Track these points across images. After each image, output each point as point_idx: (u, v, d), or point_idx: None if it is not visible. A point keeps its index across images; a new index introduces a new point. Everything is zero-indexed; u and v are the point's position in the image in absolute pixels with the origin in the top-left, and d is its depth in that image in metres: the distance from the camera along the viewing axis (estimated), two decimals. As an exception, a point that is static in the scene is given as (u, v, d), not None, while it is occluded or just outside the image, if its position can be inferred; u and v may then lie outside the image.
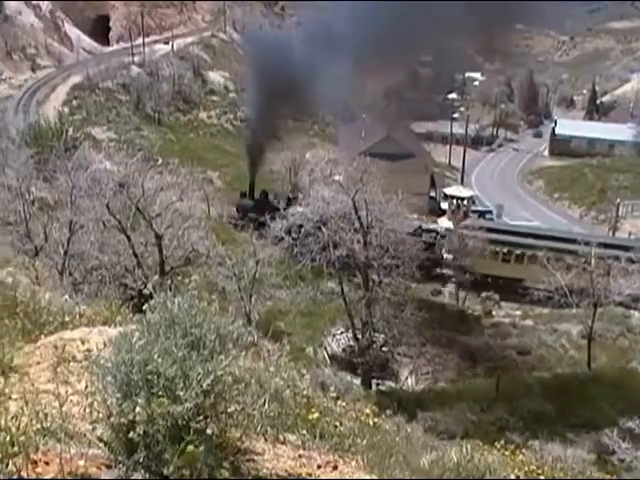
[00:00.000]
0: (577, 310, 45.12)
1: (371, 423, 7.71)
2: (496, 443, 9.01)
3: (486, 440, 9.50)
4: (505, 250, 59.34)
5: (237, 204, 69.13)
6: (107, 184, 33.87)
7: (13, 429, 4.79)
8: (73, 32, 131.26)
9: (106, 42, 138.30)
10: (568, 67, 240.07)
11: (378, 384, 41.01)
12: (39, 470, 4.64)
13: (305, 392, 7.26)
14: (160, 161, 66.96)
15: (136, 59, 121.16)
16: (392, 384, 41.70)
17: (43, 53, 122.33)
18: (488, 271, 58.00)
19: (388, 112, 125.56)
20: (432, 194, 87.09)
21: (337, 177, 50.04)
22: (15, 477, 4.50)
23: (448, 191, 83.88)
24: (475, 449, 8.20)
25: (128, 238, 33.46)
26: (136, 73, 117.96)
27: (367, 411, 8.25)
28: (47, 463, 4.71)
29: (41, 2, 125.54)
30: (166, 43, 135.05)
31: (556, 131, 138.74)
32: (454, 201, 78.78)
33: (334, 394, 9.67)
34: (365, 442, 6.59)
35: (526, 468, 8.79)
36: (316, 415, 6.58)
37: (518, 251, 59.00)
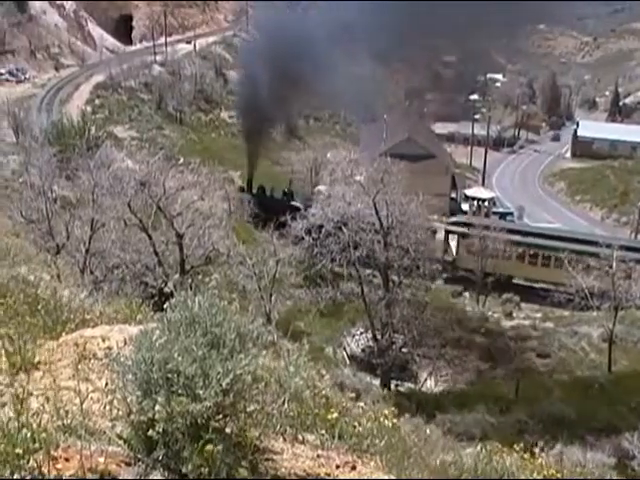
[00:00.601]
0: (598, 313, 44.87)
1: (390, 424, 7.69)
2: (515, 446, 8.96)
3: (505, 442, 9.45)
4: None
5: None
6: (129, 183, 33.99)
7: (34, 425, 4.82)
8: (96, 31, 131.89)
9: (129, 41, 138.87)
10: (591, 68, 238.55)
11: (397, 385, 40.95)
12: (59, 466, 4.67)
13: (324, 392, 7.26)
14: (181, 160, 67.09)
15: (158, 58, 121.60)
16: (411, 385, 41.62)
17: (67, 52, 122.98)
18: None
19: (409, 113, 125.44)
20: (453, 195, 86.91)
21: (358, 177, 49.96)
22: (36, 473, 4.54)
23: (469, 192, 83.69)
24: (494, 451, 8.17)
25: (149, 237, 33.58)
26: (158, 72, 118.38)
27: (386, 412, 8.23)
28: (67, 460, 4.74)
29: (65, 2, 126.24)
30: (188, 42, 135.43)
31: (578, 133, 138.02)
32: (475, 202, 78.58)
33: (353, 394, 9.67)
34: (383, 443, 6.58)
35: (545, 472, 8.74)
36: (335, 415, 6.58)
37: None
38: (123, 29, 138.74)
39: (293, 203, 67.97)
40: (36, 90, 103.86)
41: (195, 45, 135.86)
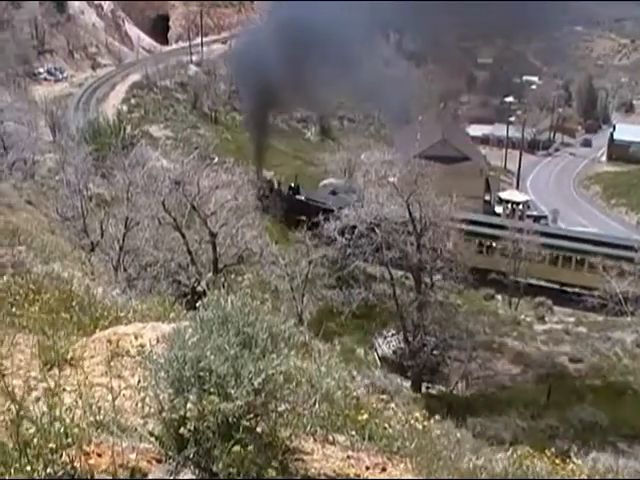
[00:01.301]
0: (632, 318, 44.44)
1: (420, 426, 7.67)
2: (546, 451, 8.87)
3: (536, 447, 9.36)
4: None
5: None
6: (163, 182, 34.20)
7: (67, 421, 4.86)
8: (133, 31, 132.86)
9: (165, 41, 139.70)
10: (628, 71, 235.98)
11: (428, 387, 40.81)
12: (91, 462, 4.70)
13: (355, 393, 7.26)
14: (216, 159, 67.42)
15: (194, 58, 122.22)
16: (442, 388, 41.45)
17: (104, 52, 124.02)
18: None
19: (444, 114, 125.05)
20: (487, 198, 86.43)
21: (392, 179, 49.87)
22: (68, 468, 4.57)
23: (503, 195, 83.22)
24: (524, 456, 8.11)
25: (183, 235, 33.73)
26: (194, 72, 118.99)
27: (416, 414, 8.21)
28: (99, 455, 4.78)
29: (103, 2, 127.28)
30: (224, 43, 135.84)
31: (614, 136, 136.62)
32: (509, 205, 78.10)
33: (384, 396, 9.66)
34: (414, 445, 6.56)
35: (576, 477, 8.66)
36: (365, 416, 6.57)
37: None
38: (160, 29, 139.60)
39: (302, 198, 68.41)
40: (73, 89, 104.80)
41: (231, 45, 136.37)
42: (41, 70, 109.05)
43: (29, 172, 39.69)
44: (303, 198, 69.43)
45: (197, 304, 5.39)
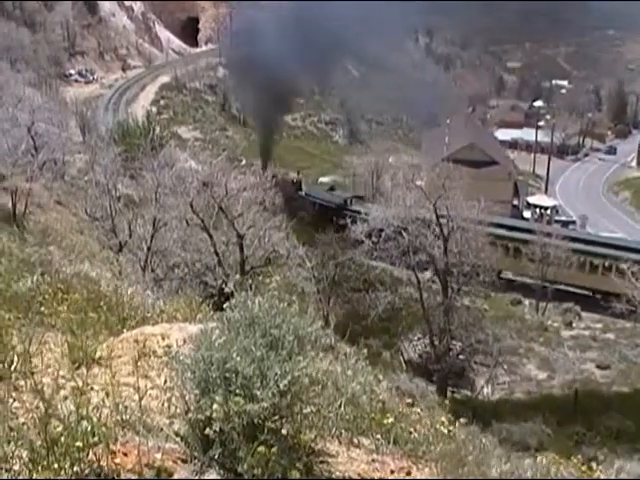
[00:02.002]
0: (661, 325, 44.09)
1: (445, 431, 7.65)
2: (572, 458, 8.83)
3: (562, 454, 9.32)
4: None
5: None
6: (191, 183, 34.30)
7: (94, 420, 4.90)
8: (163, 33, 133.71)
9: (195, 43, 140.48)
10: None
11: (453, 392, 40.70)
12: (117, 461, 4.73)
13: (381, 397, 7.25)
14: (244, 161, 67.69)
15: (223, 60, 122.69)
16: (468, 393, 41.34)
17: (134, 53, 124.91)
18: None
19: (472, 118, 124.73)
20: (515, 202, 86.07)
21: (419, 182, 49.80)
22: (95, 466, 4.61)
23: (531, 200, 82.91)
24: (550, 463, 8.07)
25: (210, 237, 33.83)
26: (223, 74, 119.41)
27: (442, 418, 8.18)
28: (125, 454, 4.81)
29: (134, 4, 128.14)
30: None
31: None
32: (537, 210, 77.75)
33: (409, 400, 9.64)
34: (439, 450, 6.54)
35: (603, 485, 8.61)
36: (391, 420, 6.56)
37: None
38: (189, 31, 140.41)
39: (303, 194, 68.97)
40: (103, 90, 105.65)
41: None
42: (72, 72, 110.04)
43: (59, 172, 40.00)
44: (303, 193, 70.25)
45: (224, 305, 5.42)
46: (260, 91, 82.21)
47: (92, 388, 5.81)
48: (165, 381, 5.69)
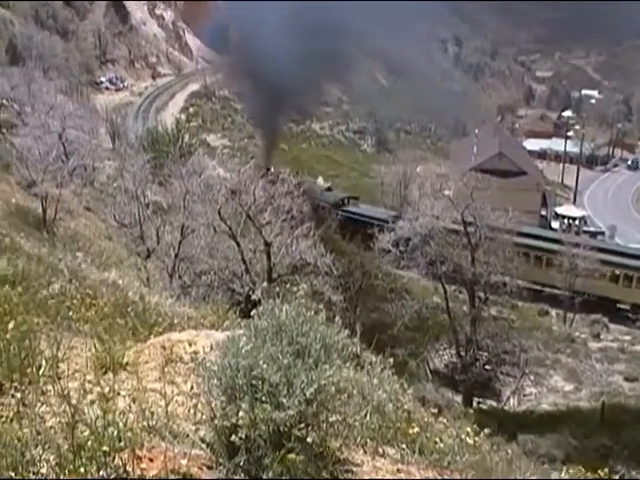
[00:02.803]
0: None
1: (471, 441, 7.61)
2: (599, 471, 8.74)
3: (588, 467, 9.22)
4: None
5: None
6: (219, 190, 34.42)
7: (121, 425, 4.92)
8: (193, 42, 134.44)
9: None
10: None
11: (479, 402, 40.47)
12: (143, 466, 4.75)
13: (406, 406, 7.23)
14: (272, 169, 67.83)
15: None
16: (493, 403, 41.09)
17: (164, 61, 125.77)
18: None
19: (501, 128, 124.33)
20: (543, 212, 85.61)
21: (447, 192, 49.66)
22: (121, 471, 4.63)
23: (559, 210, 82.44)
24: (577, 475, 8.01)
25: (237, 244, 33.91)
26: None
27: (467, 429, 8.15)
28: (151, 460, 4.83)
29: (165, 12, 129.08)
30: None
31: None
32: (565, 220, 77.30)
33: (435, 410, 9.60)
34: (464, 460, 6.52)
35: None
36: (416, 430, 6.54)
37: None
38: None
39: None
40: (133, 98, 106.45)
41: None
42: (103, 79, 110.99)
43: (89, 179, 40.32)
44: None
45: (251, 313, 5.43)
46: (257, 93, 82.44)
47: (119, 393, 5.84)
48: (191, 387, 5.72)
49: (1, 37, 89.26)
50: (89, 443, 4.70)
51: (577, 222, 77.20)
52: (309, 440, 4.84)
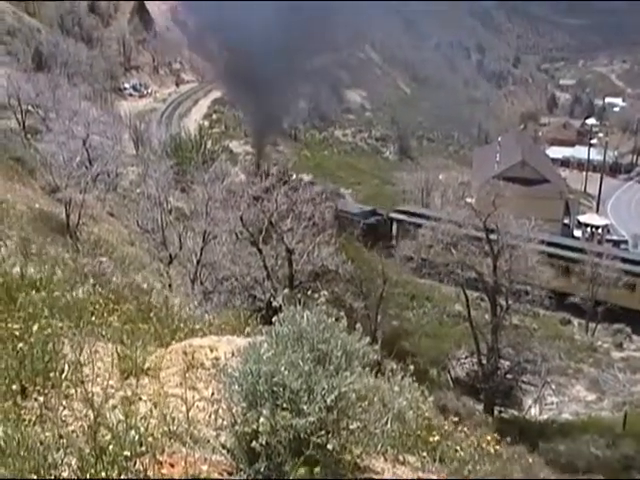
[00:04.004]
0: None
1: (492, 450, 7.59)
2: (622, 481, 8.69)
3: (610, 477, 9.17)
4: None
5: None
6: (242, 197, 34.53)
7: (142, 429, 4.95)
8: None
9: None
10: None
11: (500, 411, 40.27)
12: (164, 471, 4.78)
13: (427, 414, 7.22)
14: (294, 176, 67.94)
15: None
16: (515, 412, 40.87)
17: (187, 68, 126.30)
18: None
19: (524, 136, 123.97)
20: (566, 221, 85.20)
21: (469, 199, 49.56)
22: (142, 476, 4.66)
23: (582, 218, 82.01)
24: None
25: (259, 251, 34.01)
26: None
27: (488, 438, 8.13)
28: (172, 465, 4.85)
29: (188, 19, 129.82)
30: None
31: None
32: (588, 229, 76.90)
33: (455, 418, 9.58)
34: (485, 469, 6.50)
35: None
36: (437, 438, 6.54)
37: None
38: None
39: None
40: (157, 104, 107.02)
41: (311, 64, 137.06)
42: (127, 86, 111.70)
43: (112, 184, 40.48)
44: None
45: (272, 319, 5.45)
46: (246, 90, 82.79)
47: (140, 398, 5.87)
48: (212, 393, 5.74)
49: (28, 44, 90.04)
50: (111, 447, 4.73)
51: (600, 231, 76.74)
52: (329, 447, 4.85)
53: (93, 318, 8.54)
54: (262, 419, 4.74)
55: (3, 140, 35.83)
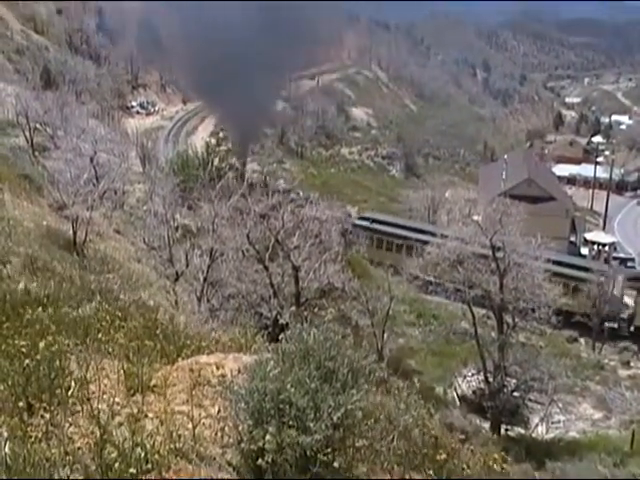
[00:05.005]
0: None
1: (498, 468, 7.56)
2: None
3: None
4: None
5: None
6: (248, 214, 34.56)
7: (148, 447, 4.95)
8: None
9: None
10: None
11: (507, 429, 40.09)
12: (170, 489, 4.78)
13: (433, 432, 7.20)
14: (301, 194, 68.02)
15: (282, 94, 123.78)
16: (521, 430, 40.68)
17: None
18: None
19: (530, 153, 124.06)
20: (572, 239, 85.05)
21: (476, 217, 49.53)
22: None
23: (589, 236, 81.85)
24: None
25: (266, 268, 34.00)
26: (281, 107, 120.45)
27: (495, 456, 8.09)
28: (178, 483, 4.85)
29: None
30: (312, 79, 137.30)
31: None
32: (594, 247, 76.75)
33: (462, 436, 9.54)
34: (492, 488, 6.48)
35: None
36: (443, 456, 6.52)
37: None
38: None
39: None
40: (164, 122, 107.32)
41: (318, 81, 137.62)
42: (134, 103, 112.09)
43: (119, 202, 40.54)
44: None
45: (279, 337, 5.45)
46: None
47: (147, 415, 5.87)
48: (219, 410, 5.74)
49: (36, 62, 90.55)
50: (117, 464, 4.73)
51: (607, 248, 76.57)
52: (335, 465, 4.85)
53: (99, 335, 8.55)
54: (268, 437, 4.75)
55: (11, 157, 35.93)
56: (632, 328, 57.10)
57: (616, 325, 56.74)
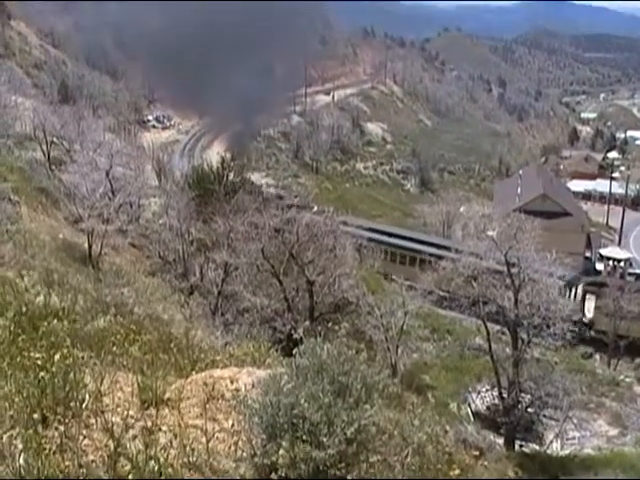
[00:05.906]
0: None
1: (513, 485, 7.54)
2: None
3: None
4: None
5: None
6: (263, 229, 34.61)
7: (162, 460, 4.96)
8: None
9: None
10: None
11: (521, 445, 39.84)
12: (183, 503, 4.78)
13: (447, 448, 7.18)
14: (315, 208, 68.02)
15: (297, 108, 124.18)
16: (536, 446, 40.44)
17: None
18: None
19: (545, 169, 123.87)
20: (587, 254, 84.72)
21: (490, 232, 49.40)
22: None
23: (604, 252, 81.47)
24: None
25: (280, 282, 34.00)
26: (297, 122, 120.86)
27: (509, 472, 8.06)
28: (192, 497, 4.85)
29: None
30: (327, 94, 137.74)
31: None
32: (610, 262, 76.42)
33: (476, 452, 9.50)
34: (506, 504, 6.46)
35: None
36: (457, 472, 6.50)
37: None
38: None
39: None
40: (180, 136, 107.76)
41: (333, 96, 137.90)
42: (150, 118, 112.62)
43: (134, 215, 40.69)
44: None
45: (293, 351, 5.46)
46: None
47: (160, 429, 5.88)
48: (232, 424, 5.74)
49: (54, 77, 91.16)
50: (130, 477, 4.74)
51: (622, 264, 76.20)
52: (349, 480, 4.84)
53: (114, 348, 8.58)
54: (281, 451, 4.75)
55: (28, 171, 36.15)
56: (592, 332, 57.62)
57: (577, 329, 56.65)
